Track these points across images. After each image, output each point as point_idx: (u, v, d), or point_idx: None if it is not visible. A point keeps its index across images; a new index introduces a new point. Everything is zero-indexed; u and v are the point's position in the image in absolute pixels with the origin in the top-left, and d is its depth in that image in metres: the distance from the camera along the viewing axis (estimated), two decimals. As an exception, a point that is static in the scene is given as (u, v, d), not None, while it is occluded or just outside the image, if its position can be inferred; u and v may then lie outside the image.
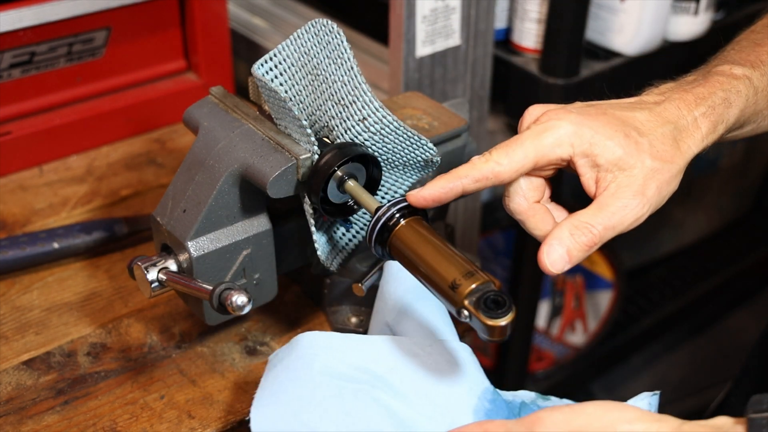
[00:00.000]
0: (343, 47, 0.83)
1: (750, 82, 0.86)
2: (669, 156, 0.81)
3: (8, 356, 0.95)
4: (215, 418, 0.88)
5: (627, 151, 0.79)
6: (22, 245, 1.03)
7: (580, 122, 0.80)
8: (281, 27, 1.51)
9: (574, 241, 0.76)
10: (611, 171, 0.79)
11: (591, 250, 0.77)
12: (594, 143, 0.79)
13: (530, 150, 0.78)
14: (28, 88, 1.22)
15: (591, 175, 0.80)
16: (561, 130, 0.79)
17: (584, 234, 0.77)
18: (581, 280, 1.88)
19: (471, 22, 1.28)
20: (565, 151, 0.79)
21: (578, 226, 0.77)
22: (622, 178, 0.79)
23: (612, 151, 0.79)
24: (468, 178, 0.78)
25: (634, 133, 0.80)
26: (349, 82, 0.83)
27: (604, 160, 0.79)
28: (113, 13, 1.23)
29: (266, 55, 0.84)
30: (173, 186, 0.88)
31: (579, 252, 0.77)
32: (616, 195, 0.78)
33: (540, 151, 0.79)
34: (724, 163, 2.06)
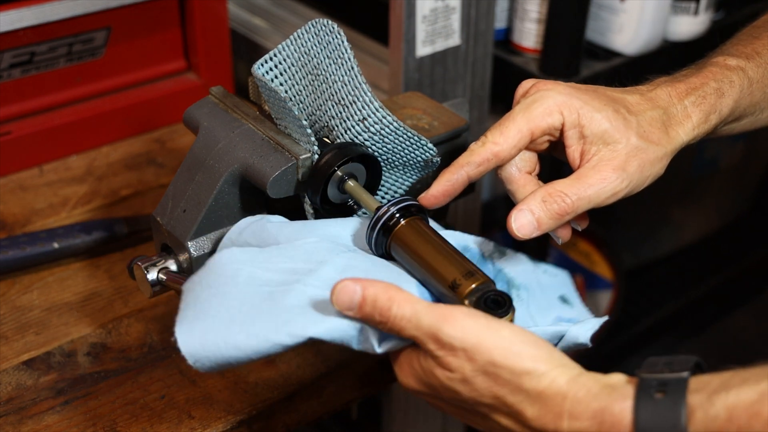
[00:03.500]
0: (344, 47, 0.83)
1: (744, 73, 0.86)
2: (656, 138, 0.81)
3: (8, 356, 0.95)
4: (215, 418, 0.88)
5: (614, 125, 0.79)
6: (22, 245, 1.03)
7: (569, 93, 0.80)
8: (281, 27, 1.51)
9: (545, 207, 0.77)
10: (596, 144, 0.79)
11: (562, 219, 0.77)
12: (582, 114, 0.79)
13: (523, 124, 0.79)
14: (28, 88, 1.22)
15: (577, 147, 0.80)
16: (550, 100, 0.80)
17: (556, 202, 0.77)
18: (581, 280, 1.88)
19: (471, 22, 1.28)
20: (556, 119, 0.80)
21: (552, 194, 0.77)
22: (605, 152, 0.79)
23: (599, 123, 0.79)
24: (470, 165, 0.79)
25: (623, 110, 0.81)
26: (349, 82, 0.83)
27: (590, 132, 0.79)
28: (113, 13, 1.23)
29: (266, 55, 0.84)
30: (173, 186, 0.88)
31: (549, 219, 0.77)
32: (597, 168, 0.79)
33: (532, 123, 0.79)
34: (724, 163, 2.06)
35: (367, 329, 0.71)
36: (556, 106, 0.79)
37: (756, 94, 0.87)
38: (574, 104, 0.80)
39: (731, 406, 0.60)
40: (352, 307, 0.70)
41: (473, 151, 0.79)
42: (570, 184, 0.78)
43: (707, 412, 0.61)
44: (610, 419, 0.63)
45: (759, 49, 0.89)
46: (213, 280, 0.75)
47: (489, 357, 0.66)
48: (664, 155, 0.81)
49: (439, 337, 0.67)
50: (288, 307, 0.72)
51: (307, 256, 0.77)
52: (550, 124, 0.80)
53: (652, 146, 0.80)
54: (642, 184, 0.81)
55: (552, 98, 0.80)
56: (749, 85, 0.86)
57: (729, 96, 0.84)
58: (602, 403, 0.64)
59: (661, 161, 0.81)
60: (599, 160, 0.79)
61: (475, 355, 0.66)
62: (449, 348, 0.67)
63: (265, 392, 0.91)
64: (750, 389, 0.60)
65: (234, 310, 0.72)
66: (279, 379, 0.92)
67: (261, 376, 0.92)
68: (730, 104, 0.85)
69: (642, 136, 0.80)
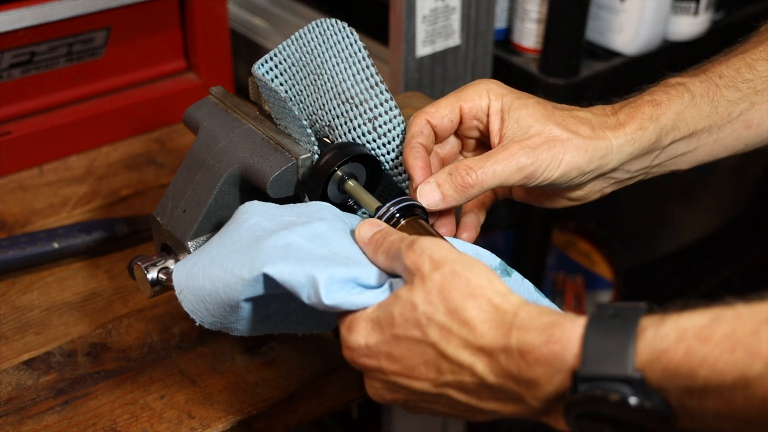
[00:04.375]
0: (357, 46, 0.83)
1: (684, 87, 0.87)
2: (577, 129, 0.82)
3: (8, 356, 0.95)
4: (215, 418, 0.88)
5: (534, 114, 0.82)
6: (22, 245, 1.03)
7: (500, 84, 0.84)
8: (281, 27, 1.51)
9: (450, 180, 0.80)
10: (512, 128, 0.82)
11: (466, 191, 0.80)
12: (506, 101, 0.83)
13: (453, 99, 0.84)
14: (28, 88, 1.22)
15: (497, 133, 0.83)
16: (481, 85, 0.84)
17: (461, 175, 0.79)
18: (581, 280, 1.88)
19: (471, 22, 1.28)
20: (484, 101, 0.83)
21: (458, 167, 0.80)
22: (519, 134, 0.81)
23: (519, 110, 0.82)
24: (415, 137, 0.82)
25: (549, 106, 0.83)
26: (362, 81, 0.83)
27: (509, 117, 0.82)
28: (113, 13, 1.23)
29: (266, 55, 0.84)
30: (173, 186, 0.88)
31: (454, 192, 0.80)
32: (505, 146, 0.81)
33: (461, 100, 0.83)
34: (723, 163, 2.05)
35: (318, 283, 0.70)
36: (485, 91, 0.84)
37: (704, 108, 0.87)
38: (500, 91, 0.83)
39: (682, 328, 0.60)
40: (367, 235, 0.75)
41: (411, 123, 0.83)
42: (476, 159, 0.80)
43: (657, 332, 0.60)
44: (560, 333, 0.63)
45: (706, 68, 0.89)
46: (226, 225, 0.78)
47: (451, 267, 0.68)
48: (584, 145, 0.81)
49: (414, 243, 0.70)
50: (262, 247, 0.73)
51: (310, 213, 0.78)
52: (477, 104, 0.83)
53: (570, 134, 0.81)
54: (556, 169, 0.81)
55: (483, 84, 0.84)
56: (691, 98, 0.86)
57: (666, 106, 0.85)
58: (554, 318, 0.64)
59: (581, 151, 0.81)
60: (510, 139, 0.81)
61: (440, 263, 0.68)
62: (419, 253, 0.69)
63: (265, 392, 0.91)
64: (703, 314, 0.60)
65: (223, 248, 0.75)
66: (279, 379, 0.92)
67: (261, 376, 0.93)
68: (670, 115, 0.85)
69: (560, 125, 0.81)
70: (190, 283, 0.75)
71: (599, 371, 0.60)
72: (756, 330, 0.57)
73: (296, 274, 0.71)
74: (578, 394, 0.61)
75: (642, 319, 0.62)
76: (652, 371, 0.60)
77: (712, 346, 0.58)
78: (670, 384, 0.59)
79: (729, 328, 0.58)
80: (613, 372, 0.60)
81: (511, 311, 0.65)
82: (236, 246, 0.75)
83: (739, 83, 0.88)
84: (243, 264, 0.73)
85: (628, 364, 0.60)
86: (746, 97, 0.88)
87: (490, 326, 0.65)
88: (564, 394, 0.63)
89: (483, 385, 0.67)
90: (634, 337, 0.61)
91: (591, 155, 0.82)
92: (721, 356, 0.57)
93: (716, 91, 0.87)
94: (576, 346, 0.62)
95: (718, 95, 0.87)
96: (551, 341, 0.63)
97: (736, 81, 0.88)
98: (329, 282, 0.70)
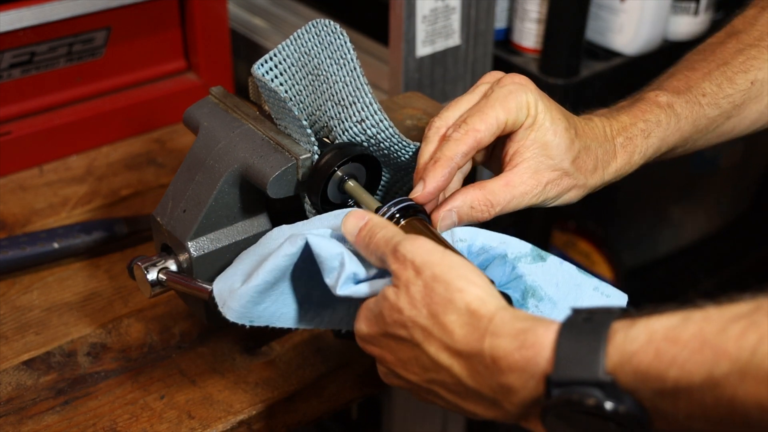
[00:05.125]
0: (346, 48, 0.83)
1: (672, 110, 0.89)
2: (584, 170, 0.84)
3: (8, 356, 0.95)
4: (215, 418, 0.88)
5: (559, 143, 0.82)
6: (22, 245, 1.03)
7: (538, 94, 0.82)
8: (281, 27, 1.51)
9: (470, 214, 0.81)
10: (533, 149, 0.82)
11: (481, 218, 0.81)
12: (539, 119, 0.81)
13: (501, 113, 0.81)
14: (28, 88, 1.22)
15: (517, 144, 0.82)
16: (524, 96, 0.81)
17: (481, 211, 0.81)
18: (581, 280, 1.88)
19: (471, 22, 1.28)
20: (524, 115, 0.81)
21: (481, 202, 0.80)
22: (538, 161, 0.82)
23: (547, 133, 0.82)
24: (459, 156, 0.80)
25: (572, 130, 0.83)
26: (351, 83, 0.83)
27: (535, 136, 0.82)
28: (113, 13, 1.23)
29: (266, 55, 0.84)
30: (173, 186, 0.88)
31: (468, 221, 0.81)
32: (523, 176, 0.82)
33: (509, 114, 0.81)
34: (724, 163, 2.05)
35: (343, 269, 0.73)
36: (526, 103, 0.81)
37: (684, 129, 0.90)
38: (540, 107, 0.81)
39: (652, 330, 0.60)
40: (354, 231, 0.74)
41: (459, 140, 0.80)
42: (499, 192, 0.81)
43: (627, 334, 0.61)
44: (532, 339, 0.63)
45: (691, 83, 0.91)
46: (255, 247, 0.81)
47: (431, 271, 0.68)
48: (584, 187, 0.85)
49: (397, 250, 0.70)
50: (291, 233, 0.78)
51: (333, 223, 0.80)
52: (519, 119, 0.81)
53: (579, 174, 0.84)
54: (553, 203, 0.85)
55: (526, 94, 0.81)
56: (677, 122, 0.89)
57: (655, 136, 0.88)
58: (527, 324, 0.65)
59: (580, 191, 0.85)
60: (528, 167, 0.82)
61: (421, 268, 0.69)
62: (402, 260, 0.70)
63: (265, 392, 0.91)
64: (673, 316, 0.60)
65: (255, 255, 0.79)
66: (279, 379, 0.92)
67: (261, 376, 0.93)
68: (656, 144, 0.88)
69: (575, 164, 0.83)
70: (230, 285, 0.77)
71: (571, 375, 0.61)
72: (723, 329, 0.57)
73: (332, 256, 0.74)
74: (553, 398, 0.61)
75: (614, 323, 0.62)
76: (623, 374, 0.60)
77: (680, 346, 0.58)
78: (641, 386, 0.60)
79: (697, 328, 0.58)
80: (585, 376, 0.61)
81: (486, 316, 0.66)
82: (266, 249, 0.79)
83: (720, 99, 0.91)
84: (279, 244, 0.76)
85: (599, 367, 0.60)
86: (725, 113, 0.91)
87: (466, 331, 0.66)
88: (539, 399, 0.63)
89: (462, 385, 0.68)
90: (605, 340, 0.61)
91: (585, 193, 0.86)
92: (690, 357, 0.58)
93: (699, 111, 0.90)
94: (548, 351, 0.62)
95: (701, 115, 0.90)
96: (524, 347, 0.63)
97: (718, 98, 0.91)
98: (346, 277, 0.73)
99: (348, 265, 0.73)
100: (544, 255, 0.80)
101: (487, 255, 0.81)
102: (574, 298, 0.79)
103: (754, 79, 0.91)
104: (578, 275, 0.80)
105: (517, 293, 0.80)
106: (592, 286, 0.80)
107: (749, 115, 0.93)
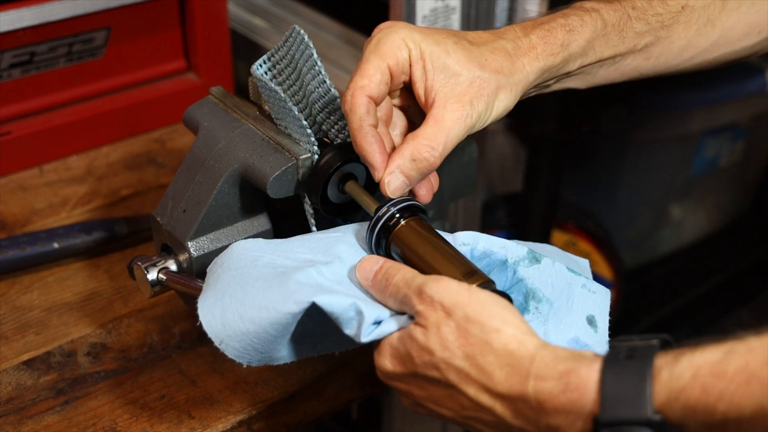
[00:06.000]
0: (314, 59, 0.82)
1: (598, 14, 0.87)
2: (499, 66, 0.81)
3: (8, 356, 0.95)
4: (215, 418, 0.88)
5: (455, 57, 0.80)
6: (22, 245, 1.03)
7: (411, 28, 0.81)
8: (281, 27, 1.51)
9: (415, 167, 0.78)
10: (438, 78, 0.80)
11: (431, 169, 0.79)
12: (424, 48, 0.80)
13: (378, 61, 0.79)
14: (28, 88, 1.22)
15: (421, 83, 0.81)
16: (395, 35, 0.80)
17: (425, 159, 0.78)
18: (581, 280, 1.88)
19: (471, 22, 1.28)
20: (405, 53, 0.80)
21: (419, 149, 0.78)
22: (449, 86, 0.80)
23: (439, 55, 0.80)
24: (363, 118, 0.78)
25: (464, 42, 0.82)
26: (319, 86, 0.83)
27: (431, 65, 0.80)
28: (113, 13, 1.23)
29: (265, 55, 0.84)
30: (173, 186, 0.88)
31: (418, 173, 0.79)
32: (446, 106, 0.79)
33: (386, 58, 0.79)
34: (723, 163, 2.05)
35: (363, 317, 0.72)
36: (401, 40, 0.80)
37: (612, 38, 0.87)
38: (416, 37, 0.80)
39: (696, 366, 0.60)
40: (368, 276, 0.74)
41: (351, 105, 0.79)
42: (432, 133, 0.79)
43: (672, 372, 0.61)
44: (576, 381, 0.63)
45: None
46: (234, 263, 0.77)
47: (463, 312, 0.68)
48: (510, 85, 0.82)
49: (422, 291, 0.70)
50: (296, 280, 0.74)
51: (326, 249, 0.79)
52: (400, 57, 0.80)
53: (496, 75, 0.81)
54: (489, 115, 0.82)
55: (396, 33, 0.81)
56: (603, 27, 0.87)
57: (578, 33, 0.85)
58: (570, 365, 0.64)
59: (508, 91, 0.82)
60: (445, 96, 0.80)
61: (452, 309, 0.68)
62: (429, 302, 0.69)
63: (265, 392, 0.91)
64: (716, 349, 0.60)
65: (249, 287, 0.75)
66: (279, 379, 0.92)
67: (261, 376, 0.92)
68: (581, 42, 0.85)
69: (485, 66, 0.81)
70: (229, 331, 0.75)
71: (619, 416, 0.61)
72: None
73: (344, 308, 0.73)
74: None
75: (656, 359, 0.62)
76: (671, 411, 0.60)
77: (727, 381, 0.59)
78: (690, 421, 0.60)
79: (742, 361, 0.59)
80: (634, 415, 0.61)
81: (527, 357, 0.66)
82: (260, 283, 0.75)
83: (649, 16, 0.88)
84: (284, 299, 0.73)
85: (647, 406, 0.60)
86: (653, 30, 0.89)
87: (507, 373, 0.66)
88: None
89: (504, 424, 0.68)
90: (650, 378, 0.61)
91: (516, 91, 0.82)
92: (737, 390, 0.58)
93: (626, 22, 0.88)
94: (593, 392, 0.62)
95: (628, 26, 0.88)
96: (569, 389, 0.63)
97: (647, 14, 0.88)
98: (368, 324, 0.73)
99: (366, 312, 0.73)
100: (538, 257, 0.81)
101: (489, 260, 0.81)
102: (567, 297, 0.80)
103: (685, 5, 0.89)
104: (568, 274, 0.80)
105: (520, 297, 0.80)
106: (581, 284, 0.80)
107: (677, 40, 0.90)
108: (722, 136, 1.95)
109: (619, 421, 0.61)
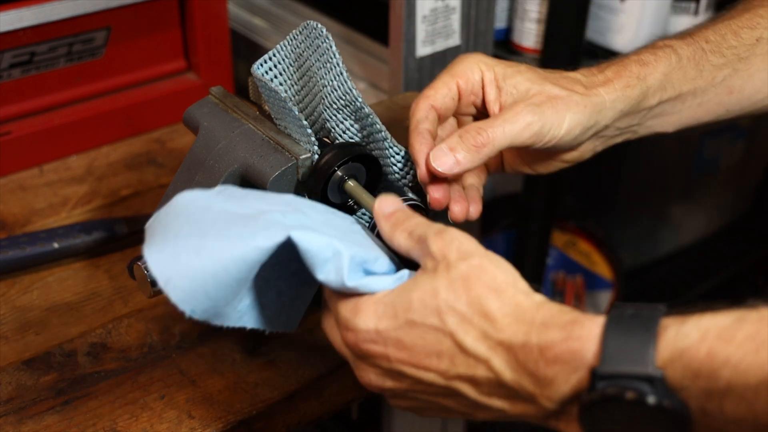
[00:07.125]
0: (332, 52, 0.82)
1: (671, 50, 0.87)
2: (573, 87, 0.83)
3: (8, 356, 0.95)
4: (215, 418, 0.88)
5: (528, 75, 0.83)
6: (22, 245, 1.03)
7: (485, 55, 0.85)
8: (281, 27, 1.51)
9: (461, 141, 0.78)
10: (512, 93, 0.82)
11: (480, 151, 0.79)
12: (498, 71, 0.83)
13: (447, 78, 0.83)
14: (28, 88, 1.22)
15: (495, 102, 0.83)
16: (470, 59, 0.84)
17: (472, 135, 0.79)
18: (581, 280, 1.88)
19: (471, 22, 1.28)
20: (477, 74, 0.83)
21: (467, 129, 0.79)
22: (520, 96, 0.82)
23: (513, 77, 0.83)
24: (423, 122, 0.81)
25: (540, 70, 0.84)
26: (339, 87, 0.83)
27: (505, 84, 0.83)
28: (113, 13, 1.23)
29: (265, 54, 0.84)
30: (173, 186, 0.88)
31: (467, 152, 0.78)
32: (510, 106, 0.81)
33: (456, 76, 0.83)
34: (724, 163, 2.05)
35: (342, 259, 0.68)
36: (475, 63, 0.83)
37: (689, 71, 0.88)
38: (489, 62, 0.84)
39: (704, 328, 0.59)
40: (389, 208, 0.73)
41: (412, 109, 0.82)
42: (485, 121, 0.80)
43: (679, 330, 0.60)
44: (579, 331, 0.62)
45: (693, 33, 0.90)
46: (182, 211, 0.70)
47: (479, 261, 0.67)
48: (583, 103, 0.82)
49: (443, 231, 0.69)
50: (266, 219, 0.69)
51: (287, 203, 0.75)
52: (471, 78, 0.83)
53: (569, 92, 0.82)
54: (559, 126, 0.81)
55: (471, 58, 0.84)
56: (678, 60, 0.87)
57: (653, 66, 0.86)
58: (575, 316, 0.64)
59: (582, 107, 0.82)
60: (514, 101, 0.82)
61: (468, 254, 0.67)
62: (448, 241, 0.68)
63: (265, 392, 0.91)
64: (726, 315, 0.59)
65: (208, 228, 0.68)
66: (279, 379, 0.92)
67: (261, 376, 0.93)
68: (657, 75, 0.86)
69: (557, 85, 0.82)
70: (181, 268, 0.66)
71: (619, 369, 0.60)
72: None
73: (321, 246, 0.68)
74: (594, 392, 0.60)
75: (662, 319, 0.61)
76: (672, 370, 0.59)
77: (735, 346, 0.57)
78: (691, 384, 0.59)
79: (753, 328, 0.57)
80: (634, 370, 0.59)
81: (533, 308, 0.65)
82: (221, 222, 0.68)
83: (723, 49, 0.89)
84: (254, 233, 0.67)
85: (649, 361, 0.59)
86: (730, 63, 0.89)
87: (511, 320, 0.65)
88: (579, 394, 0.62)
89: (496, 381, 0.66)
90: (655, 335, 0.60)
91: (590, 111, 0.83)
92: (745, 357, 0.57)
93: (702, 56, 0.88)
94: (596, 344, 0.61)
95: (704, 59, 0.88)
96: (571, 338, 0.62)
97: (721, 47, 0.89)
98: (351, 262, 0.68)
99: (345, 253, 0.68)
100: None
101: None
102: None
103: (759, 37, 0.89)
104: None
105: None
106: None
107: (756, 72, 0.90)
108: (722, 136, 1.95)
109: (618, 374, 0.60)
